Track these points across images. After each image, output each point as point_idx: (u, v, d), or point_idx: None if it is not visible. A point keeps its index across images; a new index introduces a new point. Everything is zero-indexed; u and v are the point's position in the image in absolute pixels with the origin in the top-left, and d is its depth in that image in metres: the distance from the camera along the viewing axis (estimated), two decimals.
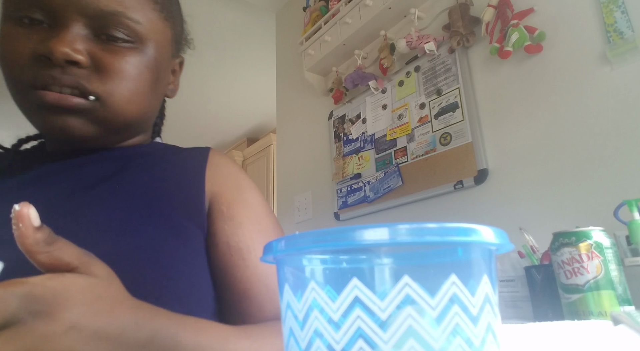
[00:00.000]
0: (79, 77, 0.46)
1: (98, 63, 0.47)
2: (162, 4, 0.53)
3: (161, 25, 0.53)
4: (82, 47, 0.45)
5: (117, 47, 0.48)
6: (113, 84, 0.48)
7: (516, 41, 1.25)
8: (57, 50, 0.43)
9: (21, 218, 0.25)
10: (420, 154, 1.54)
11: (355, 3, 1.72)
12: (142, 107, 0.53)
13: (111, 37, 0.48)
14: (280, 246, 0.23)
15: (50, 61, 0.44)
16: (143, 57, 0.50)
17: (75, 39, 0.45)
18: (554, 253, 0.64)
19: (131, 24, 0.48)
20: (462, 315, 0.20)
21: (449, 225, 0.20)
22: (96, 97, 0.47)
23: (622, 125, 1.07)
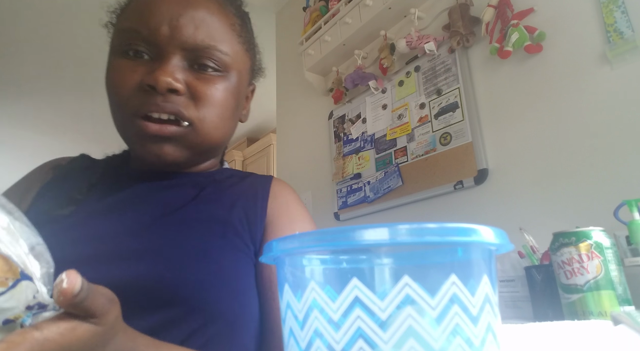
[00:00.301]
0: (178, 104, 0.51)
1: (193, 91, 0.52)
2: (244, 36, 0.59)
3: (243, 55, 0.59)
4: (180, 77, 0.51)
5: (208, 76, 0.54)
6: (205, 110, 0.53)
7: (516, 41, 1.25)
8: (161, 80, 0.49)
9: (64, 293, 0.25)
10: (420, 154, 1.54)
11: (355, 3, 1.72)
12: (225, 132, 0.58)
13: (203, 66, 0.53)
14: (280, 246, 0.23)
15: (154, 90, 0.50)
16: (228, 85, 0.56)
17: (175, 70, 0.51)
18: (554, 253, 0.64)
19: (220, 56, 0.54)
20: (462, 315, 0.20)
21: (449, 225, 0.20)
22: (190, 123, 0.52)
23: (622, 125, 1.07)
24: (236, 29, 0.57)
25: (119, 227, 0.51)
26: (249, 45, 0.60)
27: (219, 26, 0.54)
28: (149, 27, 0.51)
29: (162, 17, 0.51)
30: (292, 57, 2.28)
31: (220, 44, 0.54)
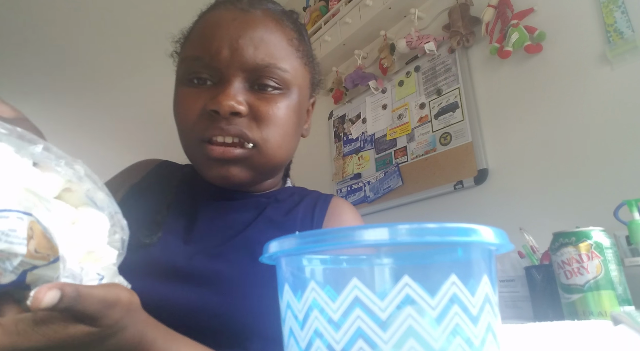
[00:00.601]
0: (241, 126, 0.52)
1: (255, 111, 0.53)
2: (302, 50, 0.59)
3: (302, 70, 0.58)
4: (242, 99, 0.52)
5: (269, 95, 0.54)
6: (268, 130, 0.53)
7: (516, 41, 1.25)
8: (223, 104, 0.50)
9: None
10: (420, 154, 1.54)
11: (355, 3, 1.72)
12: (289, 150, 0.58)
13: (264, 85, 0.53)
14: (280, 246, 0.23)
15: (217, 114, 0.51)
16: (290, 102, 0.56)
17: (237, 93, 0.52)
18: (554, 253, 0.64)
19: (280, 73, 0.54)
20: (462, 315, 0.20)
21: (449, 225, 0.20)
22: (254, 145, 0.53)
23: (622, 125, 1.07)
24: (294, 43, 0.57)
25: (192, 250, 0.53)
26: (308, 59, 0.60)
27: (277, 43, 0.54)
28: (210, 53, 0.52)
29: (221, 41, 0.52)
30: None
31: (279, 61, 0.54)
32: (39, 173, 0.29)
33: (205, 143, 0.52)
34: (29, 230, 0.26)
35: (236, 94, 0.51)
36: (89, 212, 0.32)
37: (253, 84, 0.53)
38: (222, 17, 0.54)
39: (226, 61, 0.52)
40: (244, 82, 0.53)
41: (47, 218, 0.27)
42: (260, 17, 0.55)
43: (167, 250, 0.53)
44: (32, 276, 0.27)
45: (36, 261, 0.26)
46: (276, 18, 0.56)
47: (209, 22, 0.55)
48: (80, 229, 0.31)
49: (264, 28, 0.54)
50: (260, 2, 0.57)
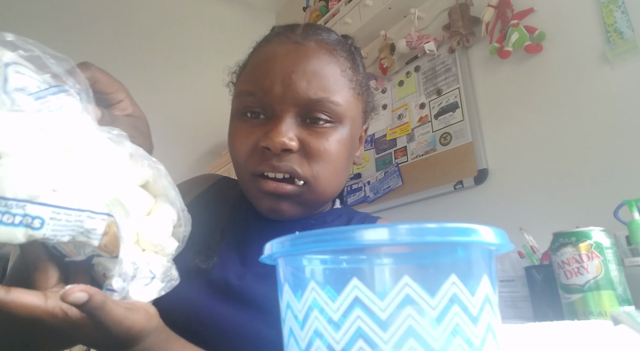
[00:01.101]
0: (292, 162, 0.52)
1: (306, 147, 0.53)
2: (356, 80, 0.58)
3: (355, 101, 0.57)
4: (293, 135, 0.52)
5: (320, 129, 0.54)
6: (319, 167, 0.53)
7: (516, 41, 1.25)
8: (275, 141, 0.50)
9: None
10: (420, 154, 1.54)
11: (355, 3, 1.72)
12: (339, 184, 0.58)
13: (315, 119, 0.53)
14: (281, 246, 0.23)
15: (269, 150, 0.52)
16: (341, 134, 0.55)
17: (289, 129, 0.52)
18: (554, 253, 0.64)
19: (333, 107, 0.53)
20: (462, 315, 0.20)
21: (449, 225, 0.20)
22: (304, 182, 0.53)
23: (622, 125, 1.07)
24: (347, 74, 0.56)
25: (244, 275, 0.54)
26: (361, 88, 0.59)
27: (330, 76, 0.54)
28: (263, 88, 0.53)
29: (275, 76, 0.52)
30: None
31: (332, 94, 0.53)
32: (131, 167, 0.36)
33: (257, 177, 0.53)
34: (106, 227, 0.32)
35: (288, 130, 0.51)
36: (162, 205, 0.38)
37: (305, 118, 0.53)
38: (276, 51, 0.54)
39: (279, 97, 0.52)
40: (296, 116, 0.53)
41: (123, 222, 0.32)
42: (313, 49, 0.54)
43: (222, 268, 0.54)
44: (97, 260, 0.34)
45: (103, 253, 0.33)
46: (330, 49, 0.56)
47: (262, 56, 0.56)
48: (151, 221, 0.36)
49: (317, 61, 0.54)
50: (314, 32, 0.56)
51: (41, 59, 0.31)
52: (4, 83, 0.29)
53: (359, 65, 0.61)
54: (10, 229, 0.27)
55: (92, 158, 0.32)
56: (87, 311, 0.30)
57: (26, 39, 0.31)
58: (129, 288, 0.34)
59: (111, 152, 0.33)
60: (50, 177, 0.29)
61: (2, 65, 0.29)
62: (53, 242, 0.30)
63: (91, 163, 0.31)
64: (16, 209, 0.27)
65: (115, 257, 0.32)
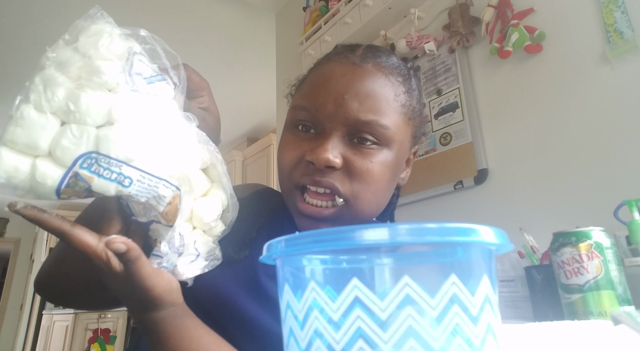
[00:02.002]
0: (334, 179, 0.53)
1: (350, 166, 0.53)
2: (408, 106, 0.58)
3: (404, 125, 0.58)
4: (338, 152, 0.53)
5: (366, 149, 0.54)
6: (359, 186, 0.54)
7: (516, 41, 1.25)
8: (320, 157, 0.52)
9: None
10: (420, 154, 1.54)
11: (355, 3, 1.72)
12: (380, 205, 0.58)
13: (362, 139, 0.54)
14: (281, 246, 0.23)
15: (313, 165, 0.53)
16: (387, 157, 0.55)
17: (335, 147, 0.53)
18: (554, 253, 0.64)
19: (381, 130, 0.54)
20: (462, 315, 0.20)
21: (449, 225, 0.20)
22: (344, 200, 0.54)
23: (622, 125, 1.07)
24: (400, 98, 0.57)
25: (273, 275, 0.54)
26: (413, 113, 0.60)
27: (382, 99, 0.54)
28: (317, 105, 0.54)
29: (329, 95, 0.54)
30: (292, 57, 2.28)
31: (382, 117, 0.54)
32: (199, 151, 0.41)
33: (298, 190, 0.55)
34: (172, 198, 0.38)
35: (334, 148, 0.53)
36: (216, 190, 0.43)
37: (353, 138, 0.54)
38: (334, 71, 0.56)
39: (330, 115, 0.54)
40: (344, 135, 0.54)
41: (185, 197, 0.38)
42: (369, 72, 0.55)
43: (252, 263, 0.55)
44: (154, 226, 0.40)
45: (161, 220, 0.39)
46: (386, 72, 0.56)
47: (320, 75, 0.58)
48: (206, 202, 0.41)
49: (371, 83, 0.54)
50: (373, 54, 0.57)
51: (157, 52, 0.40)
52: (130, 67, 0.37)
53: (415, 89, 0.61)
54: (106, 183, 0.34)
55: (174, 136, 0.38)
56: (123, 261, 0.35)
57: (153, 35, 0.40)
58: (177, 262, 0.39)
59: (187, 135, 0.40)
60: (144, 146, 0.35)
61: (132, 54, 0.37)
62: (133, 200, 0.36)
63: (173, 141, 0.38)
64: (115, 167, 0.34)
65: (170, 226, 0.38)
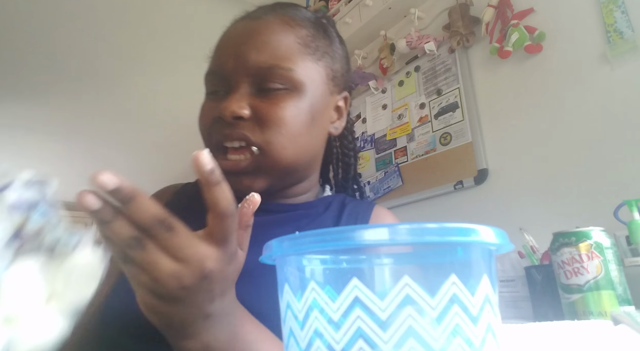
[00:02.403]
0: (244, 129, 0.52)
1: (258, 114, 0.52)
2: (314, 47, 0.57)
3: (313, 65, 0.56)
4: (245, 103, 0.52)
5: (274, 96, 0.53)
6: (271, 132, 0.52)
7: (516, 41, 1.25)
8: (226, 109, 0.51)
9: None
10: (420, 154, 1.54)
11: (355, 3, 1.72)
12: (302, 151, 0.56)
13: (269, 87, 0.53)
14: (281, 246, 0.23)
15: (223, 120, 0.52)
16: (298, 101, 0.54)
17: (241, 98, 0.52)
18: (554, 253, 0.64)
19: (285, 73, 0.53)
20: (462, 315, 0.20)
21: (449, 225, 0.20)
22: (258, 148, 0.52)
23: (622, 125, 1.07)
24: (304, 40, 0.56)
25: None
26: (322, 54, 0.58)
27: (282, 43, 0.54)
28: (220, 64, 0.55)
29: (229, 51, 0.54)
30: None
31: (282, 61, 0.53)
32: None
33: (219, 152, 0.53)
34: None
35: (240, 99, 0.52)
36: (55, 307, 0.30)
37: (260, 87, 0.53)
38: (235, 29, 0.57)
39: (232, 70, 0.53)
40: (250, 86, 0.53)
41: None
42: (269, 21, 0.55)
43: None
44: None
45: None
46: (287, 19, 0.56)
47: (224, 36, 0.58)
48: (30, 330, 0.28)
49: (269, 31, 0.54)
50: (277, 8, 0.57)
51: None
52: None
53: (325, 34, 0.60)
54: None
55: None
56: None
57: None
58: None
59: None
60: None
61: None
62: None
63: None
64: None
65: None
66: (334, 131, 0.63)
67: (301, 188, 0.62)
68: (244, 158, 0.53)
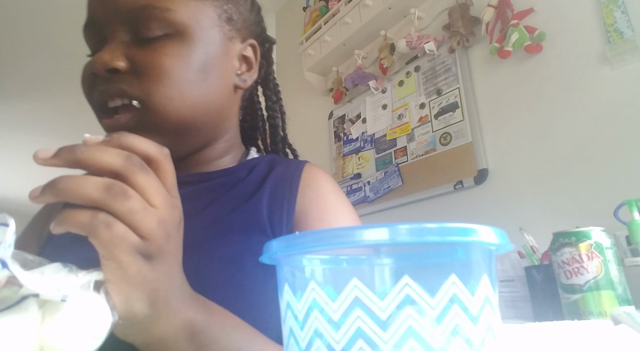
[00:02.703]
0: (121, 82, 0.46)
1: (136, 64, 0.46)
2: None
3: (199, 5, 0.49)
4: (120, 53, 0.46)
5: (154, 44, 0.46)
6: (150, 82, 0.46)
7: (516, 41, 1.25)
8: (97, 62, 0.45)
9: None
10: (420, 154, 1.54)
11: (355, 3, 1.72)
12: (191, 102, 0.48)
13: (146, 34, 0.46)
14: (280, 246, 0.23)
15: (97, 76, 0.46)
16: (182, 46, 0.47)
17: (115, 48, 0.46)
18: (554, 253, 0.64)
19: (161, 14, 0.46)
20: (462, 315, 0.20)
21: (449, 225, 0.20)
22: (139, 102, 0.46)
23: (622, 125, 1.07)
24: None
25: None
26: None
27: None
28: (91, 15, 0.49)
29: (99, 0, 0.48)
30: (292, 57, 2.28)
31: (157, 1, 0.46)
32: None
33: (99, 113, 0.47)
34: None
35: (113, 50, 0.45)
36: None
37: (138, 37, 0.47)
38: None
39: (102, 16, 0.47)
40: (127, 35, 0.47)
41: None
42: None
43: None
44: None
45: None
46: None
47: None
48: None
49: None
50: None
51: None
52: None
53: None
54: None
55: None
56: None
57: None
58: None
59: None
60: None
61: None
62: None
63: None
64: None
65: None
66: (242, 83, 0.56)
67: (215, 152, 0.56)
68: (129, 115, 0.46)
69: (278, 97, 0.68)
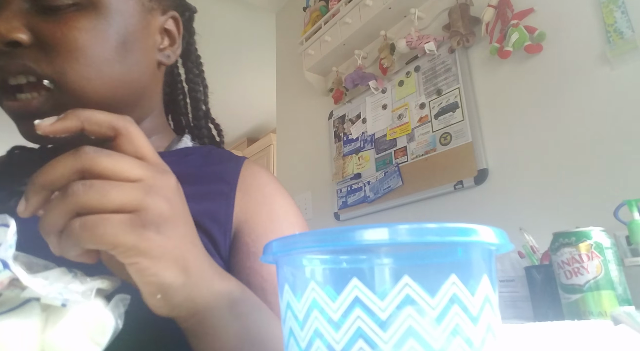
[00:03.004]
0: (25, 58, 0.40)
1: (42, 37, 0.40)
2: None
3: None
4: (20, 24, 0.39)
5: (63, 15, 0.41)
6: (62, 59, 0.40)
7: (516, 41, 1.25)
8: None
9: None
10: (420, 154, 1.54)
11: (355, 3, 1.72)
12: (111, 81, 0.43)
13: (54, 5, 0.40)
14: (280, 246, 0.23)
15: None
16: (96, 19, 0.42)
17: (13, 17, 0.39)
18: (554, 253, 0.64)
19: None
20: (462, 315, 0.20)
21: (449, 225, 0.20)
22: (51, 81, 0.41)
23: (622, 125, 1.07)
24: None
25: None
26: None
27: None
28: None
29: None
30: (292, 57, 2.28)
31: None
32: None
33: (6, 94, 0.41)
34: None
35: (11, 17, 0.39)
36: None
37: (41, 5, 0.40)
38: None
39: None
40: (25, 1, 0.40)
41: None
42: None
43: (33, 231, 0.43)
44: None
45: None
46: None
47: None
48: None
49: None
50: None
51: None
52: None
53: None
54: None
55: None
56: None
57: None
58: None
59: None
60: None
61: None
62: None
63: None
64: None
65: None
66: (165, 60, 0.51)
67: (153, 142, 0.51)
68: (37, 95, 0.41)
69: (200, 69, 0.63)
